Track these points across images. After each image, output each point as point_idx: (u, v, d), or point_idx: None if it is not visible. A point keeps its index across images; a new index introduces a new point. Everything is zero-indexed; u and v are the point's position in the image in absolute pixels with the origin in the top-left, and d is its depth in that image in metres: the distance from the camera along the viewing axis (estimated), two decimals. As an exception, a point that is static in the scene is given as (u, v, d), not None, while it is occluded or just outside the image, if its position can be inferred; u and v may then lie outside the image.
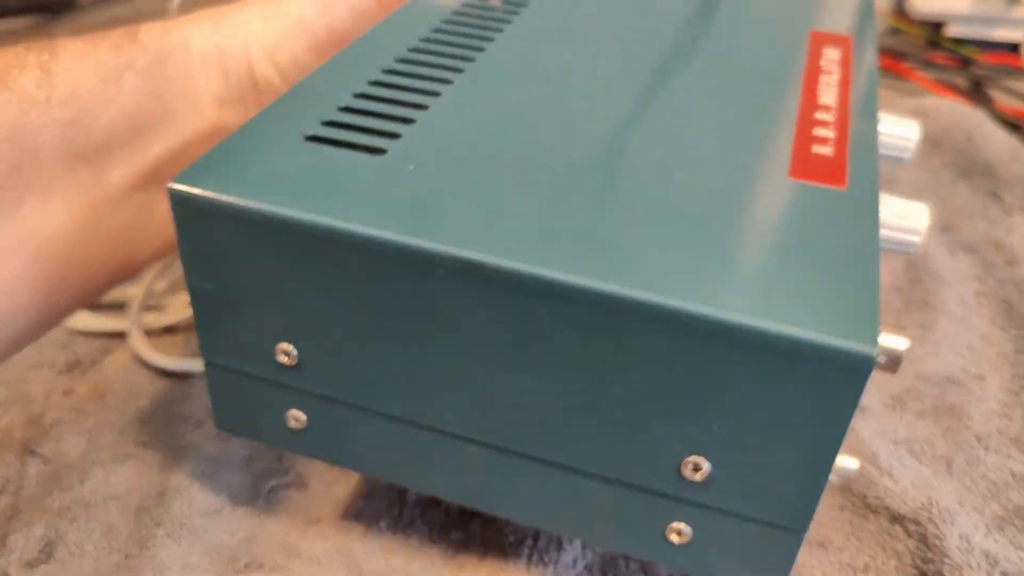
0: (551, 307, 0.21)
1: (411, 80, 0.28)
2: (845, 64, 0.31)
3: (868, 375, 0.19)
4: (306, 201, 0.22)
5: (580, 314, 0.20)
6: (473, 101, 0.27)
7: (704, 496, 0.22)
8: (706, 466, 0.21)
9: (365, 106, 0.27)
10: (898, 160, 0.31)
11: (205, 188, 0.23)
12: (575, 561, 0.30)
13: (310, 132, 0.25)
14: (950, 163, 0.53)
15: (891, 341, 0.20)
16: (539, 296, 0.21)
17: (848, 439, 0.33)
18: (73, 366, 0.39)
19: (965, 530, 0.29)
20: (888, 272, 0.44)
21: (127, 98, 0.28)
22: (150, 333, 0.41)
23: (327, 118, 0.26)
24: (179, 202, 0.23)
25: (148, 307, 0.42)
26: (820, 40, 0.33)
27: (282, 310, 0.24)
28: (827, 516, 0.31)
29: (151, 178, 0.29)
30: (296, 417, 0.26)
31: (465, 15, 0.33)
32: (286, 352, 0.25)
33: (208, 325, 0.26)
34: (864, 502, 0.31)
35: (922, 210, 0.26)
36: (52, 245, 0.27)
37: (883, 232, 0.25)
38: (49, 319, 0.28)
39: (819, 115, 0.28)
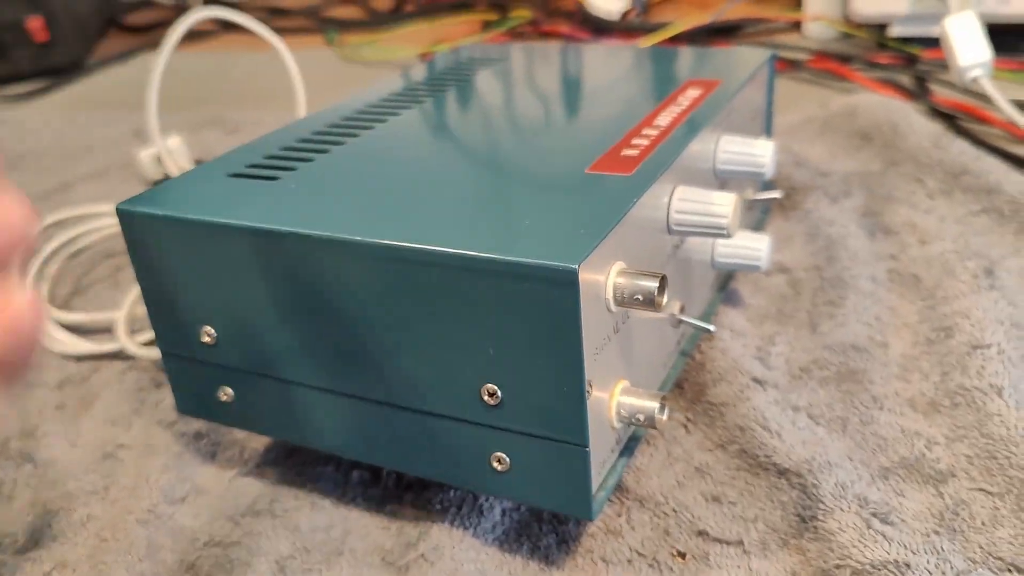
0: (355, 262, 0.27)
1: (316, 144, 0.37)
2: (697, 100, 0.38)
3: (576, 287, 0.24)
4: (209, 208, 0.30)
5: (373, 265, 0.27)
6: (350, 156, 0.35)
7: (505, 420, 0.27)
8: (497, 390, 0.27)
9: (280, 154, 0.36)
10: (759, 175, 0.37)
11: (142, 206, 0.31)
12: (494, 527, 0.33)
13: (233, 171, 0.34)
14: (878, 154, 0.56)
15: (646, 281, 0.26)
16: (344, 254, 0.27)
17: (742, 407, 0.36)
18: (64, 384, 0.44)
19: (843, 479, 0.32)
20: (807, 254, 0.48)
21: None
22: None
23: (250, 162, 0.35)
24: (124, 218, 0.32)
25: (133, 330, 0.47)
26: (689, 84, 0.40)
27: (201, 298, 0.31)
28: (724, 475, 0.34)
29: None
30: (225, 392, 0.34)
31: (365, 112, 0.41)
32: (208, 333, 0.32)
33: (157, 319, 0.33)
34: (757, 462, 0.34)
35: (727, 197, 0.32)
36: None
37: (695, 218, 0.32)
38: None
39: (646, 131, 0.34)
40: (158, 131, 0.56)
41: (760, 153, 0.36)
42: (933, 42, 0.71)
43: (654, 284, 0.26)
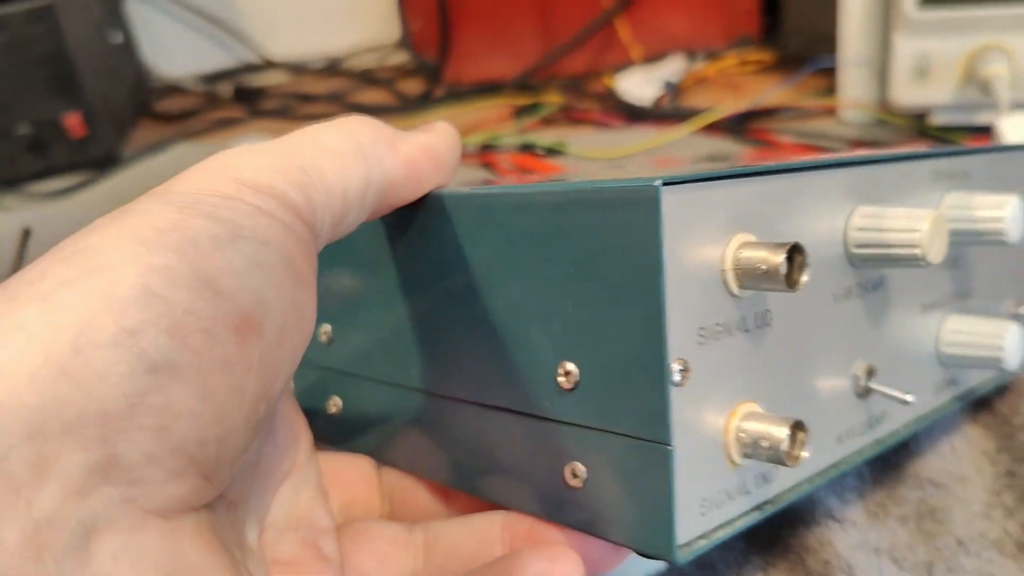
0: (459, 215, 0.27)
1: None
2: None
3: (657, 208, 0.21)
4: None
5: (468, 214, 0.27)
6: None
7: (580, 410, 0.24)
8: (574, 368, 0.24)
9: None
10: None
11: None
12: None
13: None
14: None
15: (773, 254, 0.23)
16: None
17: (826, 551, 0.35)
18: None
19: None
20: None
21: None
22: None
23: None
24: None
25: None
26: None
27: (323, 296, 0.28)
28: (809, 632, 0.32)
29: None
30: (335, 403, 0.34)
31: None
32: (325, 332, 0.34)
33: None
34: (844, 616, 0.32)
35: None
36: None
37: None
38: None
39: None
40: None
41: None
42: (976, 131, 0.71)
43: (781, 257, 0.22)
